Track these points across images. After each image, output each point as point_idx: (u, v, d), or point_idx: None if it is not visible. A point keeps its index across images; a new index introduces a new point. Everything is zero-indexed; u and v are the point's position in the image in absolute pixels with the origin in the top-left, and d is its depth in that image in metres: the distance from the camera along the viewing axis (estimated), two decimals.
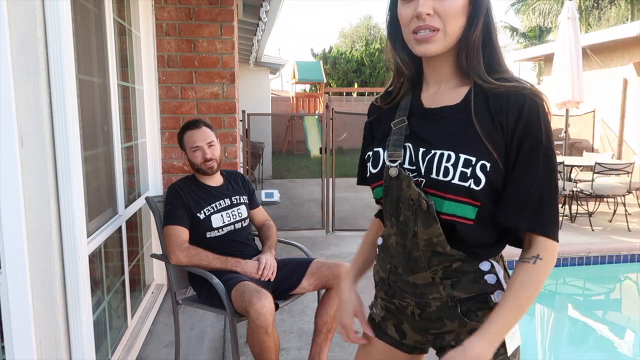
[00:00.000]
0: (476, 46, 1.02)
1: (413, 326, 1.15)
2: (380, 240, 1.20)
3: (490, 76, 1.02)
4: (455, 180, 0.98)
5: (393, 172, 1.05)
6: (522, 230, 1.03)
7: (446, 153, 1.00)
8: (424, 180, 1.02)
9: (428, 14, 0.98)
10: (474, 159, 0.97)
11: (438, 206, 1.01)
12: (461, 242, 1.03)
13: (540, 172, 0.98)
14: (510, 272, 1.09)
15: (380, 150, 1.10)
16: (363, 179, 1.21)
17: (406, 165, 1.05)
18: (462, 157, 0.98)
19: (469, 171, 0.97)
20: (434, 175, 1.01)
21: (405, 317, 1.15)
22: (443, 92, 1.08)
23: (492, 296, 1.05)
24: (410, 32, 1.02)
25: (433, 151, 1.02)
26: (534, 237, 1.01)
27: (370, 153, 1.13)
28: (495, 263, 1.06)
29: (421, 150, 1.04)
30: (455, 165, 0.98)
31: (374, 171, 1.10)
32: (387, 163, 1.06)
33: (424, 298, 1.09)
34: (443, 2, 0.98)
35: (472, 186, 0.97)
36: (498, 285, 1.05)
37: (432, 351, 1.22)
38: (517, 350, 1.09)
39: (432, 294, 1.08)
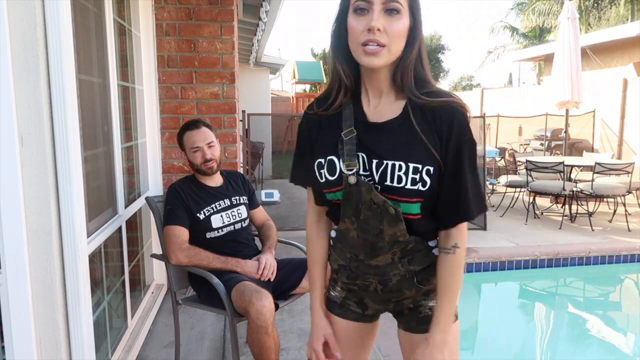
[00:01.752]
0: (410, 67, 1.16)
1: (375, 299, 1.32)
2: (333, 233, 1.32)
3: (419, 91, 1.16)
4: (408, 186, 1.14)
5: (352, 179, 1.17)
6: (454, 225, 1.20)
7: (397, 163, 1.14)
8: (379, 186, 1.16)
9: (379, 30, 1.09)
10: (420, 166, 1.13)
11: (395, 204, 1.16)
12: (415, 232, 1.20)
13: (467, 170, 1.16)
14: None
15: (334, 158, 1.21)
16: (301, 179, 1.36)
17: (361, 172, 1.18)
18: (411, 165, 1.14)
19: (417, 177, 1.14)
20: (388, 183, 1.15)
21: (367, 294, 1.32)
22: (384, 105, 1.21)
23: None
24: (359, 44, 1.12)
25: (385, 162, 1.15)
26: (452, 227, 1.20)
27: (322, 160, 1.23)
28: (436, 240, 1.25)
29: (374, 162, 1.17)
30: (406, 173, 1.14)
31: (331, 178, 1.21)
32: (345, 172, 1.18)
33: (386, 275, 1.26)
34: (392, 23, 1.11)
35: (420, 188, 1.14)
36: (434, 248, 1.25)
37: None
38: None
39: (393, 271, 1.25)
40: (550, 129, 8.70)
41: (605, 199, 6.44)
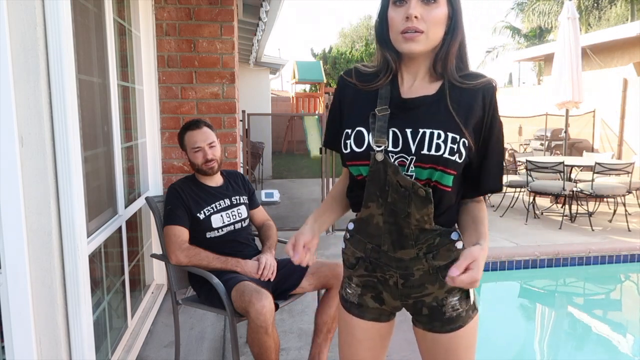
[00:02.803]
0: (451, 57, 1.21)
1: (394, 294, 1.30)
2: (351, 225, 1.33)
3: (457, 74, 1.22)
4: (446, 155, 1.15)
5: (379, 157, 1.17)
6: (493, 192, 1.31)
7: (435, 132, 1.16)
8: (414, 157, 1.17)
9: (416, 17, 1.15)
10: (458, 137, 1.16)
11: (428, 175, 1.17)
12: (441, 214, 1.21)
13: (500, 144, 1.26)
14: None
15: (364, 130, 1.22)
16: (333, 144, 1.35)
17: (390, 148, 1.19)
18: (450, 135, 1.16)
19: (455, 147, 1.16)
20: (425, 151, 1.16)
21: (386, 288, 1.30)
22: (418, 85, 1.25)
23: (458, 247, 1.26)
24: (399, 32, 1.18)
25: (422, 130, 1.17)
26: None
27: (350, 131, 1.24)
28: (458, 232, 1.26)
29: (408, 131, 1.18)
30: (445, 142, 1.15)
31: (358, 150, 1.22)
32: (374, 147, 1.18)
33: (408, 270, 1.25)
34: (429, 11, 1.16)
35: (457, 159, 1.16)
36: (463, 249, 1.23)
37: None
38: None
39: (416, 266, 1.25)
40: (550, 129, 8.70)
41: (605, 199, 6.44)
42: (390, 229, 1.23)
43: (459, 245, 1.25)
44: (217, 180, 2.52)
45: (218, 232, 2.40)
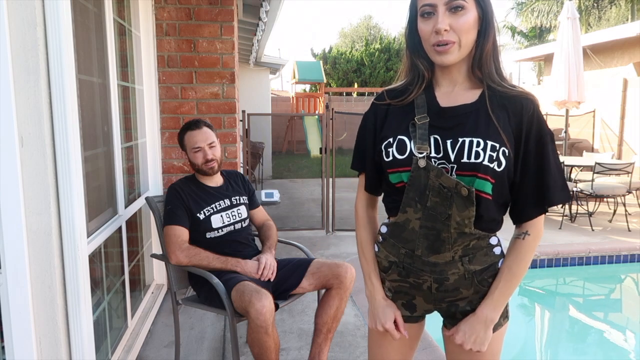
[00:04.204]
0: (487, 57, 1.20)
1: (427, 299, 1.30)
2: (384, 229, 1.33)
3: (497, 76, 1.21)
4: (485, 162, 1.15)
5: (422, 163, 1.19)
6: (542, 213, 1.23)
7: (475, 140, 1.17)
8: (455, 165, 1.18)
9: (445, 30, 1.15)
10: (497, 145, 1.16)
11: (469, 183, 1.17)
12: (480, 219, 1.20)
13: (552, 159, 1.19)
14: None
15: (405, 139, 1.23)
16: (357, 164, 1.38)
17: (433, 154, 1.20)
18: (489, 143, 1.16)
19: (494, 154, 1.16)
20: (465, 160, 1.17)
21: (419, 292, 1.30)
22: (457, 93, 1.24)
23: (498, 264, 1.26)
24: (430, 45, 1.19)
25: (461, 139, 1.18)
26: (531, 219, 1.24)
27: (392, 140, 1.25)
28: (499, 237, 1.28)
29: (449, 141, 1.19)
30: (484, 150, 1.16)
31: (400, 157, 1.23)
32: (416, 154, 1.20)
33: (443, 274, 1.25)
34: (458, 19, 1.15)
35: (496, 168, 1.16)
36: (502, 255, 1.27)
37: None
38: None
39: (451, 270, 1.24)
40: (550, 129, 8.69)
41: (605, 199, 6.44)
42: (427, 233, 1.22)
43: (497, 250, 1.26)
44: (217, 181, 2.52)
45: (218, 232, 2.40)
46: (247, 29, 5.94)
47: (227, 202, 2.47)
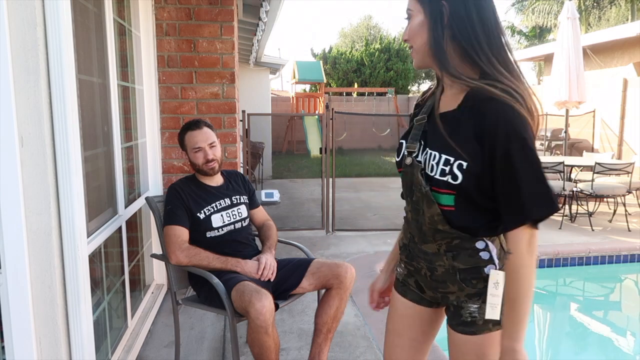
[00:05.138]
0: (439, 52, 1.20)
1: (426, 284, 1.36)
2: (404, 213, 1.41)
3: (477, 79, 1.18)
4: (437, 176, 1.20)
5: (408, 161, 1.29)
6: (512, 227, 1.16)
7: (433, 153, 1.22)
8: (425, 174, 1.25)
9: (406, 40, 1.26)
10: (452, 159, 1.17)
11: (433, 196, 1.24)
12: (451, 222, 1.23)
13: (522, 168, 1.11)
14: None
15: (403, 142, 1.35)
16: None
17: (418, 158, 1.28)
18: (443, 157, 1.19)
19: (447, 169, 1.18)
20: (427, 170, 1.24)
21: (420, 277, 1.37)
22: (449, 97, 1.26)
23: (484, 269, 1.23)
24: None
25: (427, 150, 1.25)
26: (510, 230, 1.17)
27: (400, 143, 1.37)
28: (489, 242, 1.24)
29: (422, 149, 1.28)
30: (438, 164, 1.20)
31: (397, 159, 1.36)
32: (405, 153, 1.30)
33: (432, 264, 1.30)
34: (408, 27, 1.25)
35: (450, 181, 1.18)
36: (490, 261, 1.23)
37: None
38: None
39: (438, 262, 1.29)
40: (550, 129, 8.69)
41: (605, 199, 6.44)
42: (415, 224, 1.32)
43: (484, 255, 1.22)
44: (217, 180, 2.52)
45: (218, 231, 2.40)
46: (247, 29, 5.94)
47: (227, 201, 2.47)
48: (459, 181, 1.16)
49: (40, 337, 1.57)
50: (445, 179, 1.18)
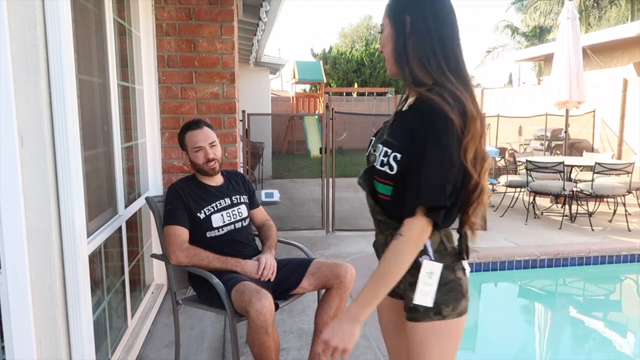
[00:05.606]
0: (400, 60, 1.31)
1: None
2: None
3: (420, 86, 1.29)
4: (377, 166, 1.32)
5: (372, 158, 1.39)
6: (408, 214, 1.25)
7: (379, 146, 1.34)
8: (372, 166, 1.35)
9: (381, 50, 1.40)
10: (390, 151, 1.29)
11: (375, 184, 1.35)
12: (387, 213, 1.34)
13: (429, 158, 1.21)
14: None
15: (373, 139, 1.46)
16: None
17: (374, 152, 1.38)
18: (383, 149, 1.31)
19: (385, 159, 1.29)
20: (374, 163, 1.34)
21: None
22: (410, 100, 1.37)
23: (419, 259, 1.29)
24: None
25: (377, 145, 1.35)
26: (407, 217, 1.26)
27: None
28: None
29: (377, 144, 1.38)
30: (379, 155, 1.31)
31: (366, 155, 1.46)
32: (371, 150, 1.41)
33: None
34: (381, 37, 1.37)
35: (387, 171, 1.29)
36: (424, 252, 1.30)
37: None
38: (430, 307, 1.31)
39: None
40: (550, 129, 8.69)
41: (605, 199, 6.44)
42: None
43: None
44: (217, 180, 2.52)
45: (218, 231, 2.40)
46: (247, 29, 5.94)
47: (228, 201, 2.47)
48: (394, 172, 1.27)
49: (40, 337, 1.57)
50: (384, 169, 1.29)
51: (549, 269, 4.58)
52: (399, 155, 1.26)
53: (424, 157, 1.21)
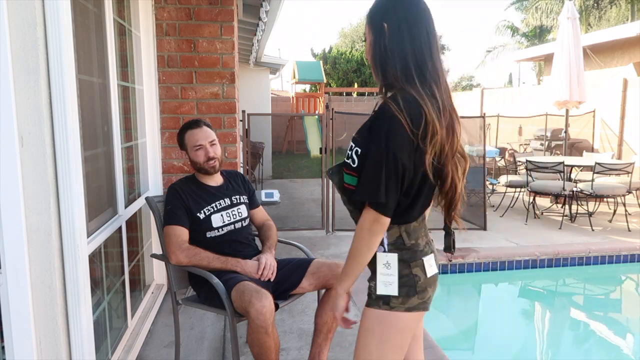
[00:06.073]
0: (375, 66, 1.43)
1: None
2: None
3: (389, 91, 1.41)
4: (346, 159, 1.44)
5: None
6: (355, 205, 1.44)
7: (349, 142, 1.45)
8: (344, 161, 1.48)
9: (366, 57, 1.50)
10: (354, 145, 1.42)
11: (344, 176, 1.45)
12: (357, 204, 1.42)
13: (370, 158, 1.34)
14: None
15: None
16: None
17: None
18: (351, 143, 1.43)
19: (350, 153, 1.42)
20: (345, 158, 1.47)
21: None
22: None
23: (380, 249, 1.43)
24: None
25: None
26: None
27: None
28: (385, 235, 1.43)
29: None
30: (348, 149, 1.44)
31: None
32: None
33: None
34: (365, 45, 1.48)
35: (351, 164, 1.41)
36: (380, 243, 1.42)
37: None
38: (391, 297, 1.43)
39: None
40: (550, 129, 8.69)
41: (605, 199, 6.44)
42: None
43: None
44: (217, 180, 2.52)
45: (218, 231, 2.40)
46: (247, 29, 5.94)
47: (227, 201, 2.47)
48: (355, 165, 1.39)
49: (40, 337, 1.57)
50: (349, 161, 1.42)
51: (549, 269, 4.58)
52: (359, 150, 1.39)
53: (367, 156, 1.35)
